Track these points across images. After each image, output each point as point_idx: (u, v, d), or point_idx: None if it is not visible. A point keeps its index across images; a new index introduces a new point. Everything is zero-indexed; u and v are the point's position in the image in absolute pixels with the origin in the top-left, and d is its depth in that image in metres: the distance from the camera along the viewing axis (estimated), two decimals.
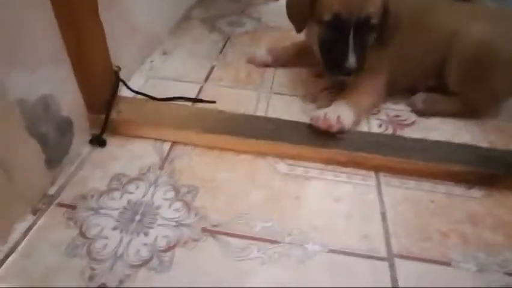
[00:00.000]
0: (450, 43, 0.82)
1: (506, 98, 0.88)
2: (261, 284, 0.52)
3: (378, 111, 0.89)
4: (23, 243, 0.55)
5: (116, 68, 0.78)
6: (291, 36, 0.98)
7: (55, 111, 0.64)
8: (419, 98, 0.88)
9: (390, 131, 0.83)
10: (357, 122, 0.79)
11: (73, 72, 0.68)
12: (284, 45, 1.05)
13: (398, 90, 0.92)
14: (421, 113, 0.88)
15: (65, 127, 0.67)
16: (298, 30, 0.85)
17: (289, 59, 1.03)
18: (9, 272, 0.51)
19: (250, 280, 0.52)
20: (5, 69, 0.51)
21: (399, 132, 0.82)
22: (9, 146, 0.53)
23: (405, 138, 0.77)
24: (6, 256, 0.53)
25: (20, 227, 0.57)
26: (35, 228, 0.57)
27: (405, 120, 0.87)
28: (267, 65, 1.03)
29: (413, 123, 0.86)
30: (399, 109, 0.90)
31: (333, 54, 0.77)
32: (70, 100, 0.68)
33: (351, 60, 0.73)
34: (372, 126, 0.84)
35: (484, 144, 0.80)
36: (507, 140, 0.83)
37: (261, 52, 1.04)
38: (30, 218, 0.58)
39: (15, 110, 0.54)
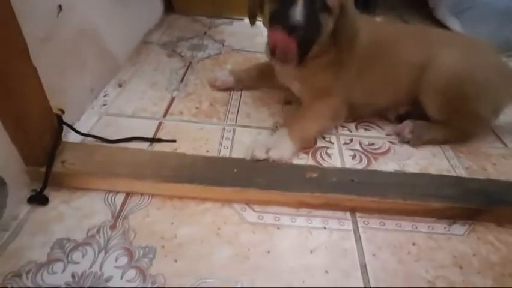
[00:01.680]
0: (420, 72, 0.79)
1: (494, 118, 0.85)
2: None
3: (351, 140, 0.84)
4: None
5: (58, 112, 0.69)
6: (258, 60, 0.93)
7: None
8: (407, 127, 0.84)
9: (364, 162, 0.78)
10: (302, 149, 0.78)
11: (2, 125, 0.58)
12: (247, 66, 1.00)
13: (368, 115, 0.89)
14: (410, 143, 0.83)
15: None
16: (252, 22, 0.82)
17: (253, 80, 0.98)
18: None
19: None
20: None
21: (373, 163, 0.78)
22: None
23: (380, 173, 0.72)
24: None
25: None
26: None
27: (379, 148, 0.83)
28: (229, 88, 0.97)
29: (387, 151, 0.82)
30: (372, 136, 0.86)
31: (279, 16, 0.68)
32: (0, 157, 0.58)
33: (298, 14, 0.65)
34: (346, 157, 0.79)
35: (461, 171, 0.78)
36: (483, 163, 0.80)
37: (223, 73, 0.98)
38: None
39: None
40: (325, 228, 0.63)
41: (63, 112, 0.71)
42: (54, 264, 0.54)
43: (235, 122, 0.86)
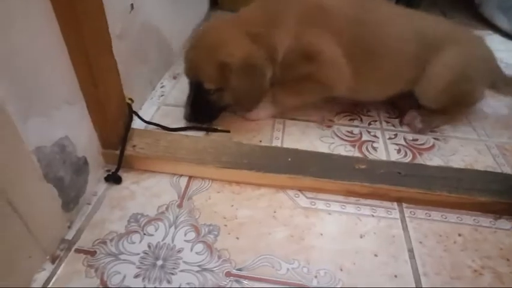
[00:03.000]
0: (425, 62, 0.83)
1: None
2: None
3: (396, 135, 0.87)
4: None
5: (129, 101, 0.77)
6: None
7: (71, 153, 0.62)
8: (416, 118, 0.89)
9: (409, 156, 0.81)
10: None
11: (87, 110, 0.66)
12: None
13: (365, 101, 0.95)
14: (420, 132, 0.88)
15: (81, 167, 0.66)
16: None
17: None
18: None
19: None
20: (22, 119, 0.50)
21: (418, 158, 0.81)
22: (28, 197, 0.51)
23: (426, 167, 0.75)
24: None
25: (40, 278, 0.55)
26: (54, 278, 0.55)
27: (423, 144, 0.85)
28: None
29: (432, 146, 0.84)
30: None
31: (187, 98, 0.86)
32: (84, 139, 0.66)
33: (187, 111, 0.84)
34: (391, 151, 0.82)
35: (507, 168, 0.79)
36: None
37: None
38: (49, 267, 0.56)
39: (33, 159, 0.52)
40: (373, 216, 0.67)
41: (132, 101, 0.78)
42: (132, 235, 0.62)
43: (284, 115, 0.91)
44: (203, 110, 0.84)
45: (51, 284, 0.54)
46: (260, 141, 0.83)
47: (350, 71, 0.81)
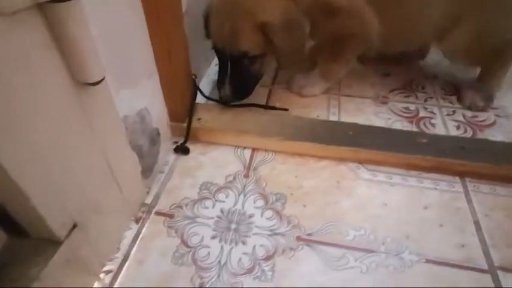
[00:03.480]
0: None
1: None
2: None
3: (454, 112, 0.86)
4: (133, 251, 0.58)
5: (193, 76, 0.80)
6: None
7: (148, 123, 0.67)
8: (476, 96, 0.87)
9: (470, 133, 0.81)
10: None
11: (160, 83, 0.70)
12: None
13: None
14: (483, 110, 0.87)
15: (155, 137, 0.70)
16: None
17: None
18: (128, 278, 0.55)
19: None
20: (115, 91, 0.54)
21: (479, 134, 0.80)
22: (119, 161, 0.56)
23: (491, 142, 0.75)
24: (124, 261, 0.57)
25: (128, 235, 0.60)
26: (140, 237, 0.60)
27: (484, 120, 0.84)
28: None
29: (493, 123, 0.83)
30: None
31: (218, 78, 0.81)
32: (157, 111, 0.70)
33: (226, 91, 0.78)
34: (450, 127, 0.82)
35: None
36: None
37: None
38: (135, 227, 0.62)
39: (123, 127, 0.57)
40: (436, 188, 0.68)
41: (196, 77, 0.81)
42: (205, 201, 0.66)
43: (339, 91, 0.92)
44: (242, 86, 0.80)
45: (138, 241, 0.60)
46: (317, 116, 0.84)
47: (377, 18, 0.78)
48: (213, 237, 0.60)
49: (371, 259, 0.57)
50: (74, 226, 0.47)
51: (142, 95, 0.63)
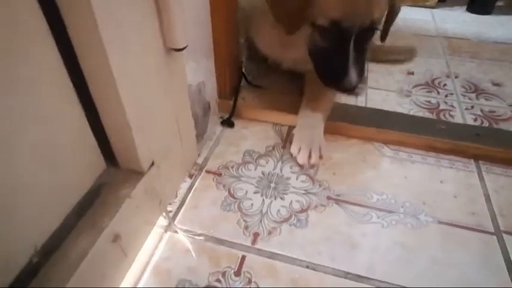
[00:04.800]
0: None
1: None
2: (384, 243, 0.62)
3: (472, 107, 0.95)
4: (188, 198, 0.69)
5: (240, 63, 0.92)
6: None
7: (203, 96, 0.79)
8: None
9: (486, 124, 0.89)
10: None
11: (214, 65, 0.82)
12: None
13: None
14: None
15: (206, 110, 0.82)
16: (289, 32, 0.68)
17: None
18: (185, 218, 0.66)
19: (377, 238, 0.62)
20: (186, 61, 0.66)
21: (496, 127, 0.88)
22: (183, 122, 0.68)
23: (504, 131, 0.83)
24: (180, 205, 0.68)
25: (184, 186, 0.72)
26: (193, 188, 0.71)
27: (501, 115, 0.92)
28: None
29: (510, 118, 0.91)
30: (493, 105, 0.96)
31: (331, 66, 0.66)
32: (210, 88, 0.82)
33: (353, 76, 0.64)
34: (468, 120, 0.91)
35: None
36: None
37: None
38: (188, 181, 0.73)
39: (187, 92, 0.69)
40: (452, 167, 0.77)
41: (242, 62, 0.93)
42: (248, 165, 0.77)
43: (367, 85, 1.02)
44: (363, 66, 0.68)
45: (192, 191, 0.71)
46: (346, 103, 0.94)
47: None
48: (255, 192, 0.71)
49: (391, 217, 0.66)
50: (153, 163, 0.58)
51: (202, 71, 0.75)
